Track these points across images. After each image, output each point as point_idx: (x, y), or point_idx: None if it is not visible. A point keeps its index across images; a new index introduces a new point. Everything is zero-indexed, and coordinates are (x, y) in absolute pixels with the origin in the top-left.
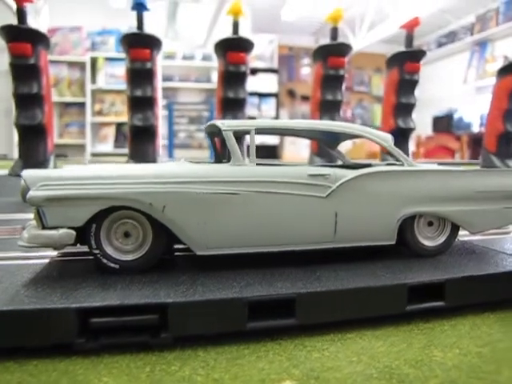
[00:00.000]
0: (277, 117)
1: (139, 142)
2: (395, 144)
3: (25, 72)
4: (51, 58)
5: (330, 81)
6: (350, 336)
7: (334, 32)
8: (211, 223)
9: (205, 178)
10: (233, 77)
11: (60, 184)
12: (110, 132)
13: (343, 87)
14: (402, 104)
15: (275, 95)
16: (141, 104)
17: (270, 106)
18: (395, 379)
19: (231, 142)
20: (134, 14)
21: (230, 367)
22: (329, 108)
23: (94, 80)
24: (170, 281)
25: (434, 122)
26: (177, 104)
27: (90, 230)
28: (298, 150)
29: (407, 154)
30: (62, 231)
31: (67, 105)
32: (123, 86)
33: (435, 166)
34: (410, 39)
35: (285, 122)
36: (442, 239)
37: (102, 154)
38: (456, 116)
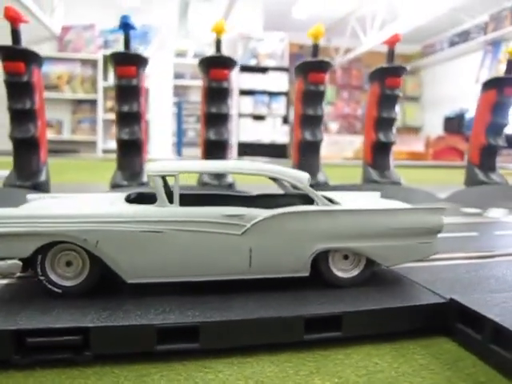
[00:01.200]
0: (287, 115)
1: (126, 154)
2: (378, 156)
3: (18, 89)
4: (65, 55)
5: (311, 96)
6: (248, 360)
7: (315, 49)
8: (138, 257)
9: (132, 217)
10: (216, 93)
11: (9, 222)
12: None
13: (323, 102)
14: (383, 118)
15: (285, 94)
16: (128, 119)
17: (280, 104)
18: None
19: (157, 185)
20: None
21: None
22: (311, 123)
23: (105, 77)
24: (99, 306)
25: (445, 123)
26: (186, 103)
27: (36, 259)
28: None
29: (388, 167)
30: (10, 262)
31: (80, 102)
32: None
33: (351, 205)
34: (391, 55)
35: (208, 165)
36: (356, 271)
37: (112, 151)
38: (467, 116)
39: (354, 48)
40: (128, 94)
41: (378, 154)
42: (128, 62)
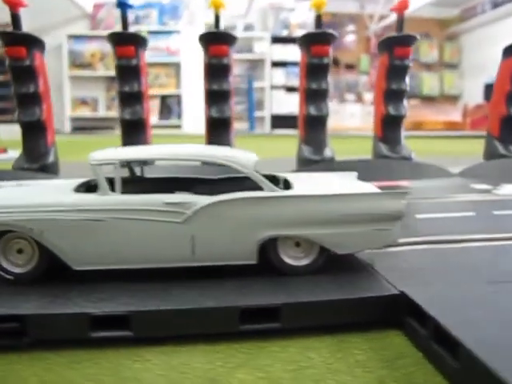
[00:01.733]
0: None
1: (131, 134)
2: (389, 129)
3: (21, 73)
4: (97, 33)
5: (315, 69)
6: (181, 350)
7: (318, 20)
8: (82, 245)
9: (75, 206)
10: (216, 70)
11: None
12: (155, 104)
13: (328, 76)
14: (392, 90)
15: None
16: (130, 99)
17: None
18: None
19: (98, 174)
20: None
21: (63, 370)
22: (315, 97)
23: None
24: (43, 293)
25: (486, 90)
26: None
27: None
28: (341, 119)
29: (399, 141)
30: None
31: (113, 79)
32: (167, 58)
33: (300, 191)
34: (400, 23)
35: (150, 151)
36: (309, 260)
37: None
38: None
39: (388, 15)
40: (128, 73)
41: (389, 127)
42: (127, 42)
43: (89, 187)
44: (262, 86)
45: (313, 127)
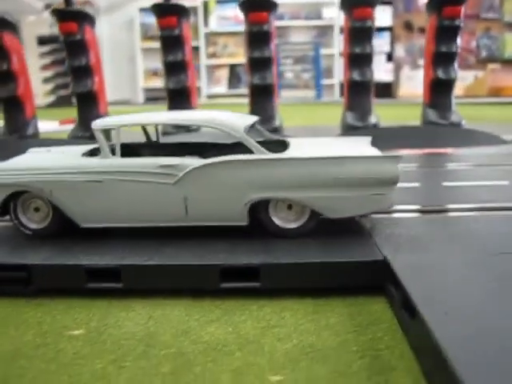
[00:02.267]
0: (392, 52)
1: (177, 102)
2: (438, 95)
3: (73, 47)
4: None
5: (358, 33)
6: (167, 302)
7: None
8: (86, 204)
9: (78, 169)
10: (257, 37)
11: None
12: (224, 74)
13: (372, 40)
14: (441, 53)
15: (389, 29)
16: (175, 68)
17: (384, 40)
18: (145, 343)
19: (100, 139)
20: None
21: (58, 314)
22: (359, 61)
23: (206, 23)
24: (51, 247)
25: None
26: (284, 44)
27: (9, 206)
28: (414, 85)
29: (449, 107)
30: None
31: None
32: (235, 27)
33: (291, 154)
34: None
35: (147, 117)
36: (300, 222)
37: (217, 96)
38: None
39: None
40: (171, 44)
41: (438, 92)
42: (169, 13)
43: (96, 151)
44: (331, 52)
45: (357, 93)
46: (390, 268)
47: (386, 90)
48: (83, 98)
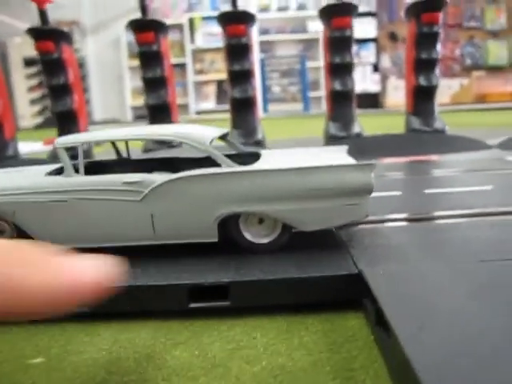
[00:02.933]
0: (377, 63)
1: (158, 119)
2: (420, 102)
3: (51, 66)
4: None
5: (338, 43)
6: (133, 325)
7: None
8: (50, 225)
9: (41, 188)
10: (235, 49)
11: None
12: (212, 89)
13: (352, 49)
14: (422, 60)
15: (374, 40)
16: (154, 84)
17: (369, 51)
18: (106, 370)
19: (63, 157)
20: None
21: (19, 341)
22: (340, 71)
23: (192, 40)
24: None
25: None
26: (271, 58)
27: None
28: (401, 95)
29: (431, 113)
30: None
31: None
32: (221, 43)
33: (265, 164)
34: None
35: (108, 133)
36: (272, 237)
37: (205, 112)
38: None
39: None
40: (149, 60)
41: (420, 99)
42: (146, 29)
43: (62, 170)
44: (318, 65)
45: (339, 103)
46: (364, 281)
47: (373, 101)
48: (63, 116)
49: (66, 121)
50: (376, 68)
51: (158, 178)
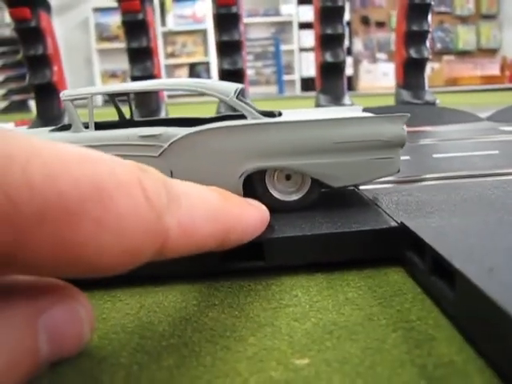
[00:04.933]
0: (350, 46)
1: (143, 95)
2: (411, 74)
3: (27, 35)
4: None
5: (329, 12)
6: (158, 289)
7: None
8: None
9: None
10: (225, 19)
11: None
12: (184, 73)
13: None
14: (413, 32)
15: (347, 24)
16: (139, 55)
17: None
18: (139, 335)
19: (70, 110)
20: None
21: None
22: (331, 43)
23: (163, 22)
24: None
25: None
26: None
27: None
28: (374, 79)
29: (422, 86)
30: None
31: None
32: (193, 26)
33: (291, 117)
34: None
35: (123, 85)
36: (300, 194)
37: (178, 95)
38: None
39: None
40: (136, 29)
41: (410, 72)
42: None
43: (64, 128)
44: (291, 48)
45: (330, 75)
46: (409, 234)
47: (347, 84)
48: (42, 89)
49: (46, 94)
50: (349, 51)
51: (179, 131)
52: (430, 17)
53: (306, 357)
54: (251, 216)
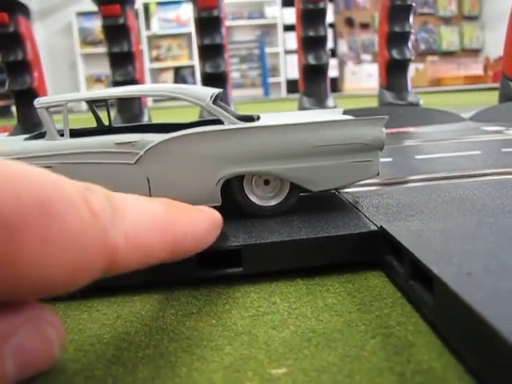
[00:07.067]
0: (335, 48)
1: (126, 100)
2: (394, 75)
3: (6, 40)
4: None
5: (311, 15)
6: (135, 299)
7: None
8: None
9: (22, 154)
10: (207, 23)
11: None
12: (169, 77)
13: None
14: (395, 33)
15: (331, 25)
16: (120, 59)
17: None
18: (114, 346)
19: (44, 118)
20: None
21: None
22: (313, 46)
23: (148, 26)
24: None
25: None
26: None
27: None
28: (359, 80)
29: (405, 87)
30: None
31: None
32: (178, 29)
33: (269, 121)
34: None
35: (98, 92)
36: (279, 199)
37: (162, 100)
38: None
39: None
40: (116, 33)
41: (393, 73)
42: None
43: (40, 136)
44: (276, 51)
45: (313, 77)
46: (389, 238)
47: (332, 85)
48: (22, 95)
49: (26, 100)
50: (334, 53)
51: (155, 137)
52: (411, 18)
53: (283, 366)
54: (202, 223)
